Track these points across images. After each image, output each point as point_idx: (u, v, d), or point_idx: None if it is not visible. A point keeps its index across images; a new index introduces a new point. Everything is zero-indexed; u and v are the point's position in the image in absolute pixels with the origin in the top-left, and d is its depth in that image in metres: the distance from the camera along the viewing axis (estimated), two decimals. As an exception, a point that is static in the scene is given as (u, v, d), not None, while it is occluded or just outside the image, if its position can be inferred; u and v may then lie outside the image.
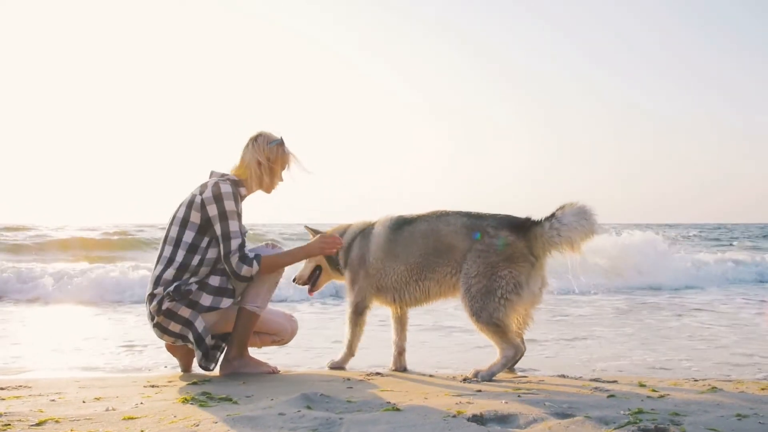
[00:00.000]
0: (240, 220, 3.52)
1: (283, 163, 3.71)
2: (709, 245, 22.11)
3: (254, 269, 3.44)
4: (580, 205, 3.40)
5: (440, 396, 2.86)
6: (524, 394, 2.85)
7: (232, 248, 3.42)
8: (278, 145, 3.67)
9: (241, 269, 3.42)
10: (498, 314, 3.32)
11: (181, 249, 3.45)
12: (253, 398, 2.84)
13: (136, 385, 3.26)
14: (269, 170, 3.65)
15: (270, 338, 3.85)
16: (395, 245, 3.68)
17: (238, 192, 3.56)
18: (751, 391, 3.00)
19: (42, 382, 3.40)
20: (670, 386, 3.17)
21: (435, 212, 3.69)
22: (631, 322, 6.43)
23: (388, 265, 3.68)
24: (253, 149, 3.65)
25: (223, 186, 3.48)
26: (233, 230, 3.45)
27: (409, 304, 3.75)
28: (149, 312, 3.50)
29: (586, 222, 3.35)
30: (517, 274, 3.34)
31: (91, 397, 2.89)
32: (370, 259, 3.73)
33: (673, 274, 10.76)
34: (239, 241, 3.44)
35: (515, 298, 3.34)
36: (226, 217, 3.44)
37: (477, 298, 3.36)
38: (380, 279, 3.71)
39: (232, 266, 3.42)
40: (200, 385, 3.21)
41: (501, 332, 3.35)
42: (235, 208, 3.48)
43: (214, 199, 3.45)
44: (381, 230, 3.76)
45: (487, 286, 3.34)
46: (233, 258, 3.41)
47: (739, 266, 12.19)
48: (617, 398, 2.76)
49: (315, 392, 2.83)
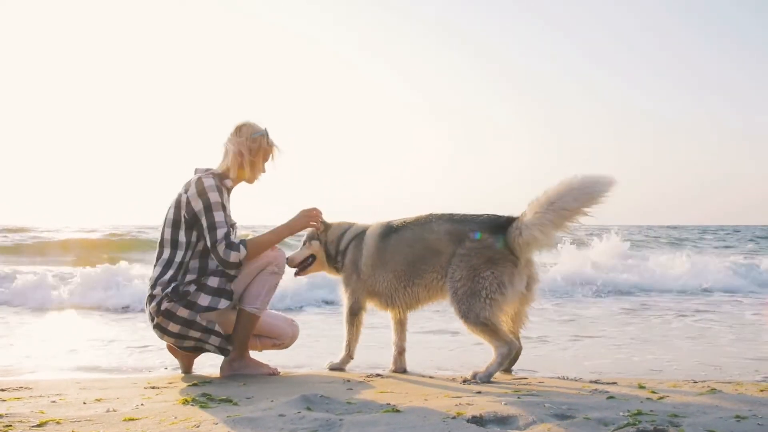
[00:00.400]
0: (225, 211, 3.53)
1: (266, 154, 3.72)
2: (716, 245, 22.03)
3: (242, 254, 3.45)
4: (541, 201, 3.37)
5: (440, 397, 2.87)
6: (524, 396, 2.86)
7: (218, 237, 3.44)
8: (261, 136, 3.68)
9: (230, 256, 3.42)
10: (484, 314, 3.38)
11: (175, 249, 3.51)
12: (254, 399, 2.84)
13: (136, 387, 3.26)
14: (251, 162, 3.66)
15: (270, 341, 3.86)
16: (383, 253, 3.75)
17: (222, 184, 3.59)
18: (750, 392, 3.01)
19: (43, 383, 3.41)
20: (670, 388, 3.17)
21: (420, 218, 3.75)
22: (635, 323, 6.43)
23: (378, 272, 3.76)
24: (236, 140, 3.67)
25: (206, 180, 3.52)
26: (218, 221, 3.46)
27: (401, 308, 3.81)
28: (149, 313, 3.53)
29: (545, 219, 3.34)
30: (499, 275, 3.41)
31: (92, 399, 2.90)
32: (361, 266, 3.81)
33: (678, 277, 10.69)
34: (225, 230, 3.46)
35: (500, 298, 3.41)
36: (211, 209, 3.47)
37: (463, 301, 3.43)
38: (371, 285, 3.79)
39: (220, 255, 3.43)
40: (201, 387, 3.22)
41: (490, 331, 3.40)
42: (220, 199, 3.50)
43: (199, 194, 3.48)
44: (371, 238, 3.83)
45: (472, 288, 3.42)
46: (220, 246, 3.43)
47: (741, 269, 12.09)
48: (616, 400, 2.77)
49: (315, 393, 2.84)
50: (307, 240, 4.05)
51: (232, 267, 3.49)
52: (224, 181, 3.62)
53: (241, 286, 3.57)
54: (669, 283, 10.28)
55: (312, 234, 4.04)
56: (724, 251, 17.91)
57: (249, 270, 3.57)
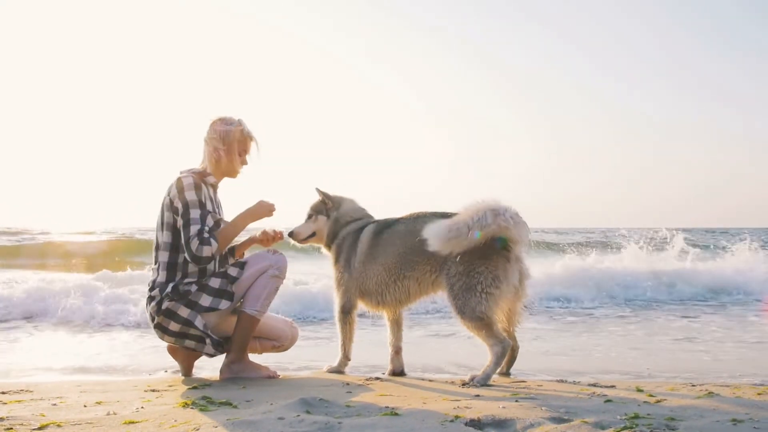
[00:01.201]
0: (203, 208, 3.53)
1: (240, 146, 3.72)
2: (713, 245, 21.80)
3: (214, 247, 3.46)
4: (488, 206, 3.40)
5: (438, 401, 2.88)
6: (522, 399, 2.87)
7: (191, 233, 3.45)
8: (233, 128, 3.69)
9: (202, 251, 3.43)
10: (481, 308, 3.41)
11: (167, 251, 3.54)
12: (253, 402, 2.86)
13: (136, 390, 3.28)
14: (226, 154, 3.67)
15: (270, 344, 3.87)
16: (375, 248, 3.76)
17: (202, 182, 3.61)
18: (747, 396, 3.01)
19: (43, 386, 3.42)
20: (668, 391, 3.18)
21: (412, 214, 3.79)
22: (635, 326, 6.44)
23: (368, 267, 3.76)
24: (209, 136, 3.70)
25: (185, 180, 3.56)
26: (193, 218, 3.48)
27: (392, 305, 3.80)
28: (149, 313, 3.55)
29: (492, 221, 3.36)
30: (493, 268, 3.44)
31: (92, 401, 2.91)
32: (354, 264, 3.80)
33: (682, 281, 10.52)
34: (198, 226, 3.47)
35: (496, 291, 3.43)
36: (188, 207, 3.49)
37: (459, 296, 3.46)
38: (362, 282, 3.78)
39: (193, 251, 3.44)
40: (200, 390, 3.23)
41: (486, 326, 3.42)
42: (196, 197, 3.52)
43: (178, 193, 3.53)
44: (365, 236, 3.83)
45: (467, 282, 3.44)
46: (193, 243, 3.44)
47: (743, 272, 11.88)
48: (614, 403, 2.78)
49: (314, 397, 2.85)
50: (314, 213, 3.99)
51: (205, 262, 3.49)
52: (206, 178, 3.65)
53: (242, 288, 3.59)
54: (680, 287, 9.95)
55: (319, 207, 3.98)
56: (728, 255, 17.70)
57: (250, 272, 3.59)
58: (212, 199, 3.67)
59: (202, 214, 3.50)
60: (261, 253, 3.69)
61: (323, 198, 3.99)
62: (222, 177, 3.75)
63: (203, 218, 3.50)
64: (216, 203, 3.74)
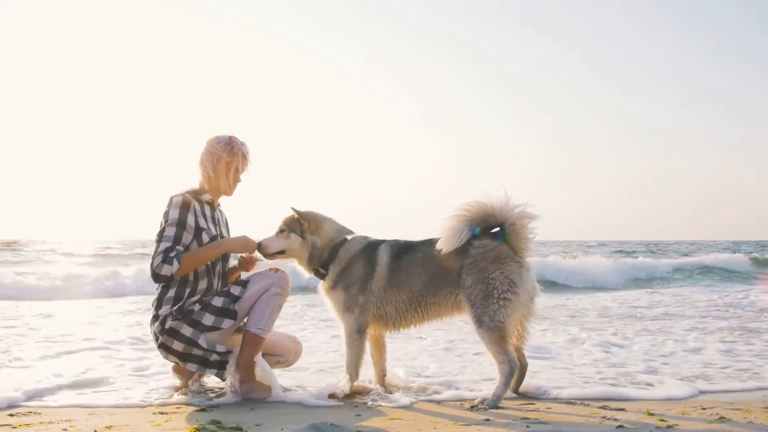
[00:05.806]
0: (181, 227, 3.53)
1: (229, 165, 3.73)
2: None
3: (174, 267, 3.45)
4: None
5: (448, 425, 2.87)
6: (532, 424, 2.85)
7: (158, 250, 3.49)
8: (225, 144, 3.71)
9: (162, 269, 3.45)
10: (499, 316, 3.43)
11: None
12: (263, 427, 2.85)
13: (145, 413, 3.27)
14: (214, 173, 3.71)
15: (275, 359, 3.87)
16: (396, 274, 3.72)
17: (196, 200, 3.64)
18: (759, 420, 3.00)
19: (51, 409, 3.40)
20: (678, 415, 3.17)
21: (426, 240, 3.78)
22: (641, 333, 6.41)
23: (390, 293, 3.73)
24: (202, 154, 3.75)
25: (175, 198, 3.60)
26: (167, 235, 3.52)
27: (405, 327, 3.82)
28: (153, 333, 3.56)
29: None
30: (509, 273, 3.48)
31: (102, 426, 2.90)
32: (371, 287, 3.73)
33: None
34: (168, 244, 3.49)
35: (513, 297, 3.46)
36: (166, 224, 3.54)
37: (478, 304, 3.48)
38: (381, 306, 3.75)
39: (153, 267, 3.46)
40: (209, 413, 3.22)
41: (501, 339, 3.43)
42: (178, 216, 3.55)
43: (166, 210, 3.59)
44: (382, 259, 3.75)
45: (484, 290, 3.48)
46: (156, 259, 3.46)
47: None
48: (626, 429, 2.76)
49: (324, 422, 2.84)
50: (286, 229, 3.79)
51: (163, 280, 3.50)
52: (201, 196, 3.69)
53: (244, 307, 3.59)
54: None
55: (292, 225, 3.78)
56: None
57: (252, 291, 3.60)
58: (208, 217, 3.69)
59: (177, 233, 3.52)
60: (263, 272, 3.70)
61: (299, 218, 3.79)
62: (219, 194, 3.78)
63: (177, 238, 3.51)
64: (215, 220, 3.76)
